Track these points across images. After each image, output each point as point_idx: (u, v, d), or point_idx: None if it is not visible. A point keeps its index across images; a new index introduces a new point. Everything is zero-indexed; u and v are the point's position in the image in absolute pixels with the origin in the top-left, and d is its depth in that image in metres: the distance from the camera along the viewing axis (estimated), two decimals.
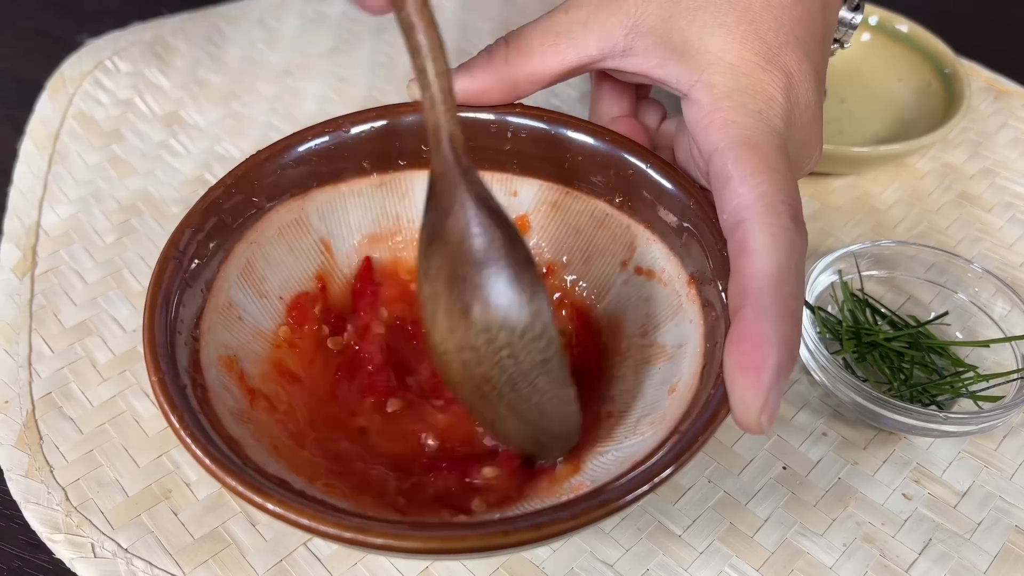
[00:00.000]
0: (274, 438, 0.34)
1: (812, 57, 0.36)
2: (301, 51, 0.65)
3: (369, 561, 0.38)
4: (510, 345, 0.33)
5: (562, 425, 0.35)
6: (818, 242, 0.52)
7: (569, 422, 0.35)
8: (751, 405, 0.29)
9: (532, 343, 0.33)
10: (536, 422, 0.34)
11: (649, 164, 0.38)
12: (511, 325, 0.33)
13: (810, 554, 0.38)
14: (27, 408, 0.43)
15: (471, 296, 0.33)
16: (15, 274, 0.49)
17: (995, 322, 0.45)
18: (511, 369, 0.33)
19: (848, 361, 0.45)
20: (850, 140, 0.57)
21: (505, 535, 0.28)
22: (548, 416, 0.34)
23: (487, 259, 0.33)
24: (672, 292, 0.38)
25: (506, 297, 0.33)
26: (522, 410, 0.34)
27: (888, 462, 0.42)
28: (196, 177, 0.55)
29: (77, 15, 0.69)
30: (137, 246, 0.50)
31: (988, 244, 0.53)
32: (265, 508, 0.28)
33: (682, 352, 0.36)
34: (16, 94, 0.61)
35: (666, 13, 0.36)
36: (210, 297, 0.36)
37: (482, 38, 0.65)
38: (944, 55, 0.58)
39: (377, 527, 0.28)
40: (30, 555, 0.38)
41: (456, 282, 0.33)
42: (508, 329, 0.33)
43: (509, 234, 0.33)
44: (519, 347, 0.33)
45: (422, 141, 0.41)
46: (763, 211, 0.31)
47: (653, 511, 0.40)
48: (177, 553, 0.38)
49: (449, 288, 0.33)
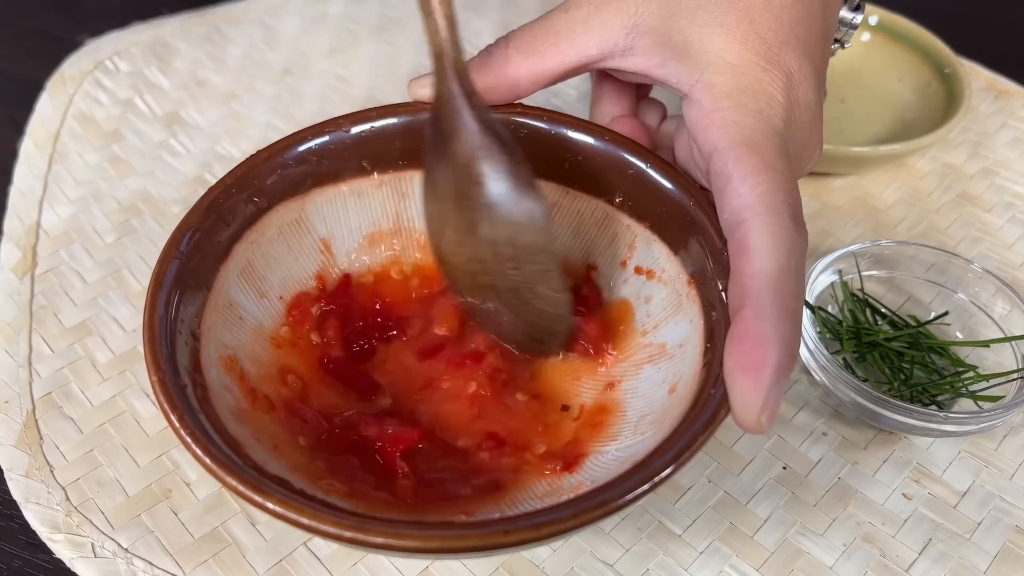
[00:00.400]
0: (274, 438, 0.34)
1: (812, 57, 0.36)
2: (301, 51, 0.65)
3: (369, 561, 0.38)
4: (515, 258, 0.36)
5: (557, 323, 0.38)
6: (818, 242, 0.52)
7: (563, 322, 0.38)
8: (751, 405, 0.29)
9: (535, 255, 0.36)
10: (534, 322, 0.38)
11: (649, 164, 0.38)
12: (516, 240, 0.35)
13: (810, 554, 0.38)
14: (27, 408, 0.43)
15: (478, 214, 0.35)
16: (15, 274, 0.49)
17: (995, 322, 0.45)
18: (515, 278, 0.36)
19: (848, 361, 0.45)
20: (850, 140, 0.57)
21: (505, 535, 0.28)
22: (545, 317, 0.37)
23: (492, 179, 0.35)
24: (672, 292, 0.38)
25: (511, 215, 0.35)
26: (522, 312, 0.37)
27: (888, 462, 0.42)
28: (196, 177, 0.55)
29: (77, 15, 0.69)
30: (137, 246, 0.50)
31: (988, 244, 0.53)
32: (265, 507, 0.28)
33: (682, 352, 0.36)
34: (16, 94, 0.61)
35: (666, 13, 0.36)
36: (210, 297, 0.36)
37: (482, 38, 0.65)
38: (944, 55, 0.58)
39: (377, 526, 0.28)
40: (30, 555, 0.38)
41: (463, 200, 0.36)
42: (513, 244, 0.35)
43: (512, 155, 0.35)
44: (523, 259, 0.36)
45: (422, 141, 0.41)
46: (763, 211, 0.31)
47: (653, 511, 0.40)
48: (177, 553, 0.38)
49: (457, 206, 0.36)
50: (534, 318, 0.37)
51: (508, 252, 0.36)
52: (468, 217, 0.36)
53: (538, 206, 0.35)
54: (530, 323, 0.38)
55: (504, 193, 0.35)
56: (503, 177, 0.35)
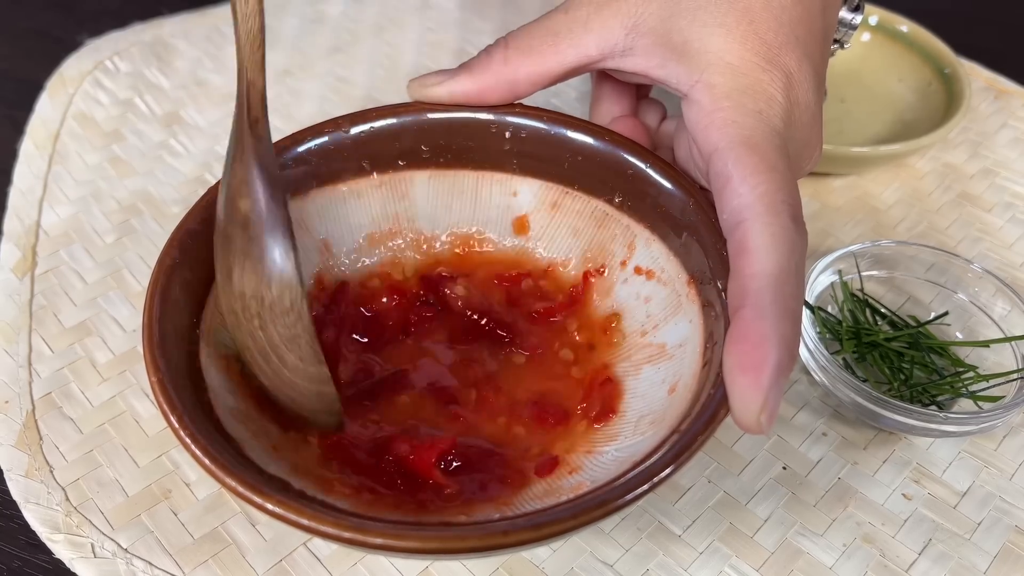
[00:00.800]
0: (274, 438, 0.34)
1: (812, 57, 0.36)
2: (301, 51, 0.65)
3: (369, 561, 0.38)
4: (259, 316, 0.33)
5: (318, 402, 0.35)
6: (818, 242, 0.52)
7: (324, 400, 0.35)
8: (751, 405, 0.29)
9: (281, 317, 0.33)
10: (291, 395, 0.35)
11: (649, 164, 0.38)
12: (260, 295, 0.33)
13: (810, 554, 0.38)
14: (27, 408, 0.43)
15: (232, 259, 0.34)
16: (15, 274, 0.49)
17: (995, 322, 0.45)
18: (261, 340, 0.34)
19: (848, 361, 0.45)
20: (850, 140, 0.57)
21: (504, 535, 0.28)
22: (301, 391, 0.34)
23: (250, 223, 0.33)
24: (672, 292, 0.38)
25: (258, 265, 0.33)
26: (278, 381, 0.34)
27: (888, 462, 0.42)
28: (196, 177, 0.55)
29: (77, 15, 0.69)
30: (137, 246, 0.50)
31: (988, 244, 0.53)
32: (264, 508, 0.28)
33: (682, 352, 0.36)
34: (16, 94, 0.61)
35: (666, 13, 0.36)
36: (209, 297, 0.36)
37: (482, 38, 0.65)
38: (944, 55, 0.58)
39: (376, 527, 0.28)
40: (30, 555, 0.38)
41: (226, 241, 0.34)
42: (257, 299, 0.33)
43: (274, 200, 0.33)
44: (267, 319, 0.33)
45: (421, 141, 0.41)
46: (763, 211, 0.31)
47: (653, 511, 0.40)
48: (177, 553, 0.38)
49: (222, 246, 0.34)
50: (290, 390, 0.35)
51: (254, 307, 0.33)
52: (227, 260, 0.34)
53: (285, 260, 0.33)
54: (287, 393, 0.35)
55: (254, 239, 0.33)
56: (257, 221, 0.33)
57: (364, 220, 0.42)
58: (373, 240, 0.42)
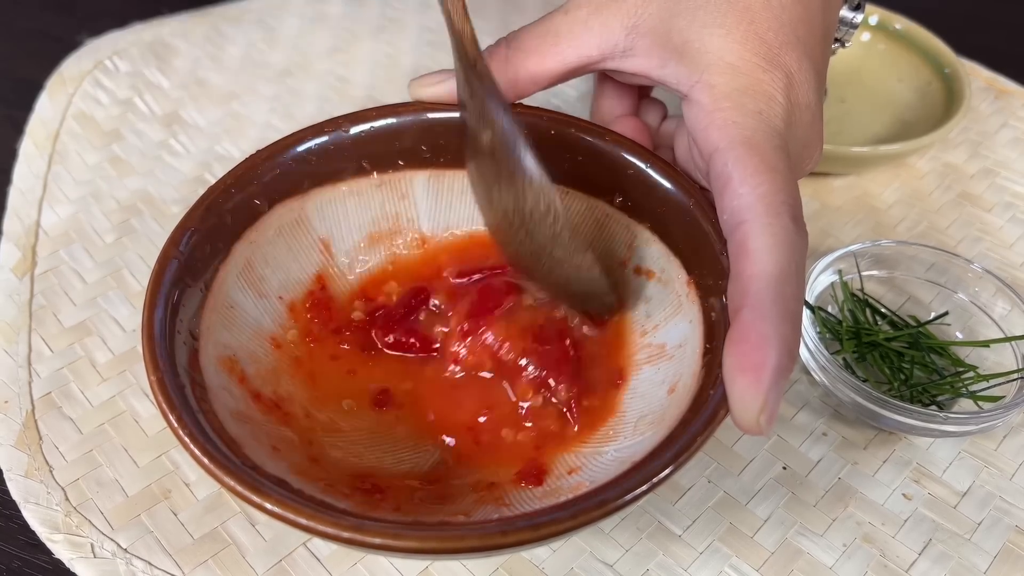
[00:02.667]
0: (273, 438, 0.34)
1: (812, 57, 0.36)
2: (301, 51, 0.65)
3: (369, 561, 0.38)
4: (524, 226, 0.36)
5: (591, 285, 0.37)
6: (818, 242, 0.52)
7: (596, 283, 0.37)
8: (750, 406, 0.29)
9: (541, 221, 0.36)
10: (568, 285, 0.38)
11: (649, 164, 0.38)
12: (520, 208, 0.36)
13: (810, 554, 0.38)
14: (27, 408, 0.42)
15: (489, 183, 0.37)
16: (15, 274, 0.49)
17: (995, 322, 0.45)
18: (529, 245, 0.37)
19: (848, 361, 0.45)
20: (850, 140, 0.57)
21: (503, 535, 0.28)
22: (575, 280, 0.37)
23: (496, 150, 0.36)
24: (672, 292, 0.38)
25: (511, 182, 0.36)
26: (552, 277, 0.38)
27: (888, 462, 0.42)
28: (196, 177, 0.55)
29: (77, 15, 0.69)
30: (137, 246, 0.50)
31: (988, 244, 0.53)
32: (263, 508, 0.28)
33: (682, 352, 0.36)
34: (16, 94, 0.61)
35: (666, 14, 0.36)
36: (209, 297, 0.36)
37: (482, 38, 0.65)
38: (944, 55, 0.58)
39: (375, 527, 0.28)
40: (30, 555, 0.38)
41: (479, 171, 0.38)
42: (519, 212, 0.36)
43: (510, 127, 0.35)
44: (531, 226, 0.36)
45: (421, 141, 0.41)
46: (763, 212, 0.31)
47: (653, 511, 0.40)
48: (177, 553, 0.38)
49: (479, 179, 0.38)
50: (565, 281, 0.38)
51: (517, 220, 0.36)
52: (487, 189, 0.38)
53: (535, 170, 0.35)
54: (563, 285, 0.38)
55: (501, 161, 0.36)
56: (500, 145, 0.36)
57: (364, 220, 0.42)
58: (373, 240, 0.42)
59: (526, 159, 0.35)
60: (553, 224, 0.36)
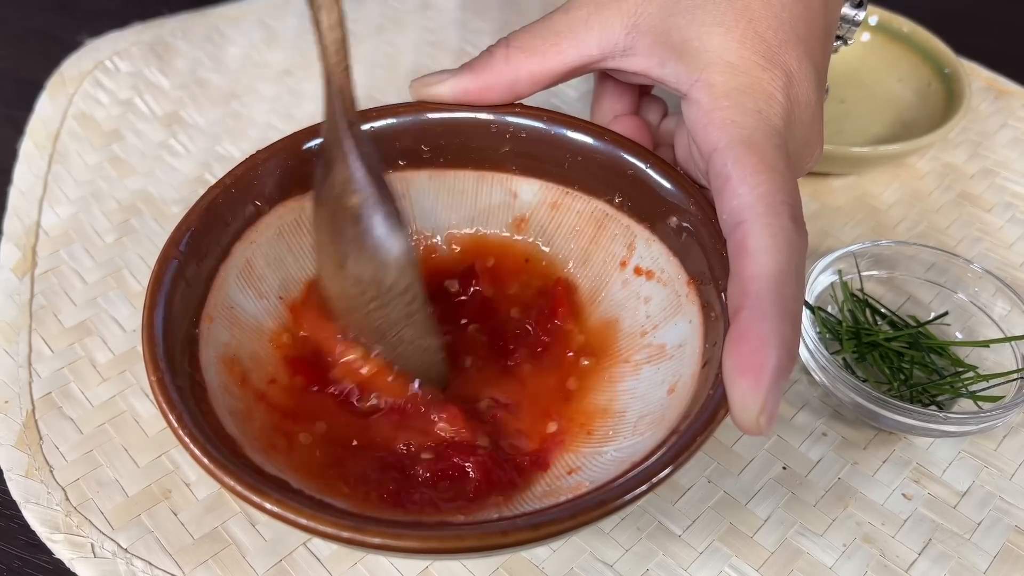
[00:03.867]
0: (273, 437, 0.34)
1: (813, 55, 0.36)
2: (301, 51, 0.65)
3: (369, 561, 0.38)
4: (378, 298, 0.35)
5: (431, 369, 0.37)
6: (818, 242, 0.52)
7: (436, 369, 0.37)
8: (750, 406, 0.29)
9: (398, 297, 0.35)
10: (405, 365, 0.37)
11: (649, 164, 0.38)
12: (379, 280, 0.35)
13: (810, 554, 0.38)
14: (27, 408, 0.43)
15: (345, 249, 0.35)
16: (15, 274, 0.49)
17: (995, 322, 0.45)
18: (379, 320, 0.36)
19: (848, 361, 0.45)
20: (850, 140, 0.57)
21: (503, 535, 0.28)
22: (416, 362, 0.37)
23: (361, 215, 0.35)
24: (672, 292, 0.38)
25: (374, 253, 0.35)
26: (392, 354, 0.37)
27: (888, 462, 0.42)
28: (196, 177, 0.55)
29: (77, 15, 0.69)
30: (137, 246, 0.50)
31: (988, 244, 0.53)
32: (263, 508, 0.28)
33: (681, 352, 0.36)
34: (16, 94, 0.61)
35: (666, 12, 0.36)
36: (209, 297, 0.36)
37: (482, 38, 0.65)
38: (944, 55, 0.58)
39: (374, 527, 0.28)
40: (30, 555, 0.38)
41: (335, 234, 0.36)
42: (376, 283, 0.35)
43: (382, 193, 0.35)
44: (386, 300, 0.35)
45: (421, 141, 0.41)
46: (763, 211, 0.31)
47: (653, 511, 0.40)
48: (177, 553, 0.38)
49: (331, 239, 0.36)
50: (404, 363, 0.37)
51: (372, 291, 0.35)
52: (338, 251, 0.36)
53: (401, 243, 0.35)
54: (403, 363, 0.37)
55: (366, 230, 0.35)
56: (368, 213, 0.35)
57: None
58: None
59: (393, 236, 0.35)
60: (410, 303, 0.36)
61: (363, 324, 0.36)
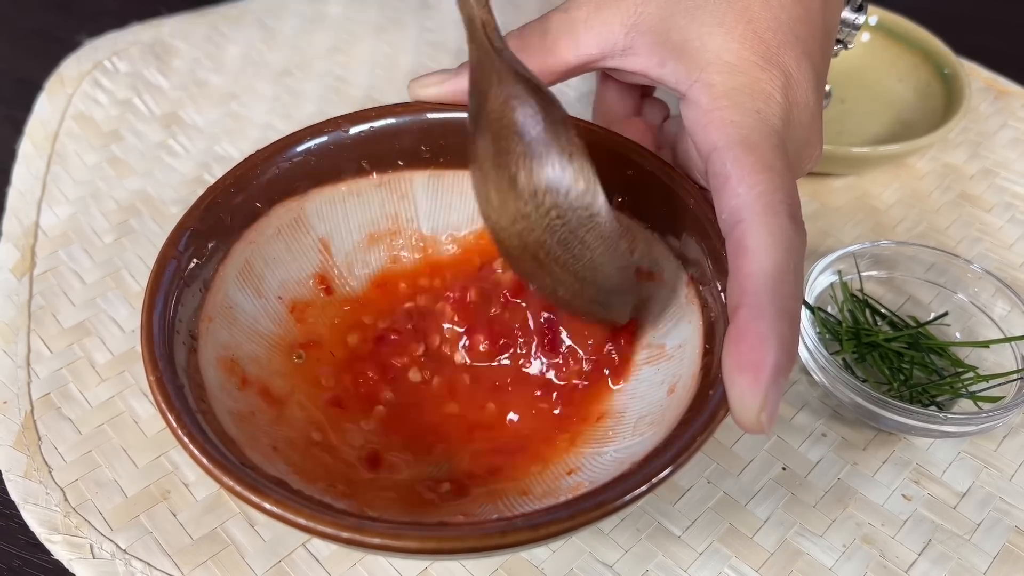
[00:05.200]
0: (273, 438, 0.34)
1: (812, 56, 0.36)
2: (301, 51, 0.65)
3: (368, 562, 0.38)
4: (557, 206, 0.33)
5: (619, 278, 0.35)
6: (818, 242, 0.52)
7: (625, 274, 0.35)
8: (750, 405, 0.29)
9: (577, 199, 0.33)
10: (593, 279, 0.35)
11: (649, 164, 0.38)
12: (555, 186, 0.33)
13: (810, 555, 0.38)
14: (26, 409, 0.42)
15: (515, 165, 0.34)
16: (14, 274, 0.49)
17: (995, 322, 0.45)
18: (561, 230, 0.34)
19: (848, 361, 0.45)
20: (850, 140, 0.57)
21: (503, 535, 0.28)
22: (603, 271, 0.35)
23: (526, 127, 0.33)
24: (671, 292, 0.38)
25: (547, 159, 0.33)
26: (577, 268, 0.35)
27: (888, 463, 0.42)
28: (195, 177, 0.55)
29: (77, 15, 0.69)
30: (136, 246, 0.50)
31: (988, 244, 0.52)
32: (263, 508, 0.28)
33: (681, 352, 0.36)
34: (15, 94, 0.61)
35: (666, 12, 0.36)
36: (208, 297, 0.36)
37: None
38: (944, 55, 0.58)
39: (374, 527, 0.28)
40: (30, 555, 0.38)
41: (500, 156, 0.34)
42: (553, 190, 0.33)
43: (544, 100, 0.33)
44: (565, 206, 0.33)
45: (421, 141, 0.41)
46: (761, 211, 0.31)
47: (652, 512, 0.40)
48: (176, 554, 0.38)
49: (495, 164, 0.34)
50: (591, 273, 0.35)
51: (550, 200, 0.33)
52: (507, 172, 0.34)
53: (572, 145, 0.33)
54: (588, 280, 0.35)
55: (537, 137, 0.33)
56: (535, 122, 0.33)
57: (364, 220, 0.42)
58: (373, 240, 0.42)
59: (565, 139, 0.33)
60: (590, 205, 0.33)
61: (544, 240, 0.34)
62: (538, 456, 0.36)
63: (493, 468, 0.36)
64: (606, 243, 0.34)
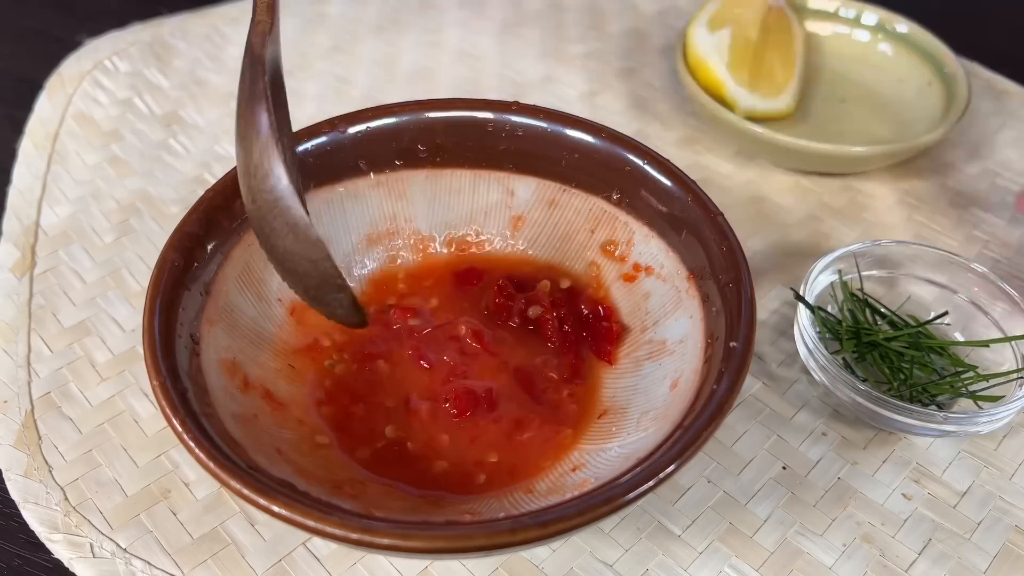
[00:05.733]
0: (276, 440, 0.34)
1: None
2: (301, 51, 0.65)
3: (368, 561, 0.38)
4: (250, 188, 0.34)
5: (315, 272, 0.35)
6: (818, 242, 0.52)
7: (321, 268, 0.35)
8: None
9: (262, 182, 0.34)
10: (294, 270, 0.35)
11: (646, 161, 0.38)
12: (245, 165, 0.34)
13: (810, 554, 0.38)
14: (26, 408, 0.42)
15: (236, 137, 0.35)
16: (14, 274, 0.49)
17: (995, 322, 0.45)
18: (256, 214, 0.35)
19: (848, 361, 0.45)
20: (850, 140, 0.57)
21: (512, 533, 0.28)
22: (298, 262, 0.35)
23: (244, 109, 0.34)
24: (672, 288, 0.38)
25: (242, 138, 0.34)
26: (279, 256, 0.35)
27: (888, 462, 0.42)
28: (195, 177, 0.55)
29: (77, 15, 0.69)
30: (136, 246, 0.50)
31: (988, 244, 0.52)
32: (271, 511, 0.28)
33: (683, 347, 0.36)
34: (16, 94, 0.61)
35: None
36: (209, 300, 0.36)
37: (482, 38, 0.65)
38: (944, 55, 0.58)
39: (383, 527, 0.28)
40: (30, 554, 0.38)
41: None
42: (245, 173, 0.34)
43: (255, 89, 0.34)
44: (254, 186, 0.34)
45: (419, 141, 0.41)
46: None
47: (653, 511, 0.39)
48: (176, 553, 0.37)
49: None
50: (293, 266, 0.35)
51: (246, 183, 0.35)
52: None
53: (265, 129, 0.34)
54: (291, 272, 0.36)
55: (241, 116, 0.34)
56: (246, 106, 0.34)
57: (362, 220, 0.42)
58: (371, 240, 0.42)
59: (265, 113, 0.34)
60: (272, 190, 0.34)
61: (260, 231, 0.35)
62: (539, 468, 0.36)
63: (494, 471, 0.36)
64: (295, 232, 0.34)
